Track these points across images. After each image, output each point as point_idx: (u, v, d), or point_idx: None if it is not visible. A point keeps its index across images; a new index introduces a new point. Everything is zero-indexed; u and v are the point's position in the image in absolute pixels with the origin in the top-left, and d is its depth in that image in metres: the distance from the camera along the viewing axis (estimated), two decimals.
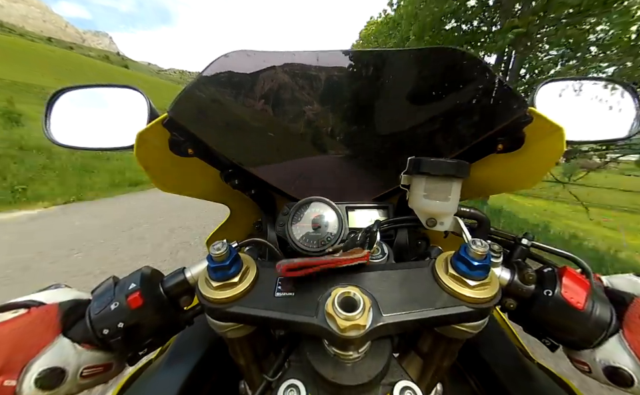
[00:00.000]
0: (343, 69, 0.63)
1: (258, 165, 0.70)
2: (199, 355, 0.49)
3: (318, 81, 0.65)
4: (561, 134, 0.45)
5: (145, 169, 0.52)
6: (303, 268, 0.34)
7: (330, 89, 0.66)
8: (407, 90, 0.63)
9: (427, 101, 0.62)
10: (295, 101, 0.66)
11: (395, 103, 0.65)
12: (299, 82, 0.64)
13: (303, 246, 0.68)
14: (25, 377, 0.32)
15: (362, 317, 0.31)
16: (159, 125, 0.50)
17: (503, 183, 0.66)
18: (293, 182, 0.77)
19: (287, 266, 0.32)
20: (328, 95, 0.67)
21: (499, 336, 0.54)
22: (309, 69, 0.61)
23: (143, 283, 0.40)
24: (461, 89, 0.56)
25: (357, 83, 0.65)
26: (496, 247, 0.44)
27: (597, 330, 0.36)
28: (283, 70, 0.61)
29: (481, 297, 0.34)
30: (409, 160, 0.48)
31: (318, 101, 0.68)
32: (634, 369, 0.33)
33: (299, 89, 0.65)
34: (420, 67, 0.57)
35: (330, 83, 0.65)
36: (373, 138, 0.73)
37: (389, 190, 0.74)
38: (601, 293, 0.39)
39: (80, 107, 0.65)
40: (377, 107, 0.66)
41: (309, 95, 0.66)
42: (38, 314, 0.36)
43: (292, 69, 0.61)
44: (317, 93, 0.66)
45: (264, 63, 0.58)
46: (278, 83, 0.63)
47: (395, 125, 0.70)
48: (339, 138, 0.74)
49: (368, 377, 0.35)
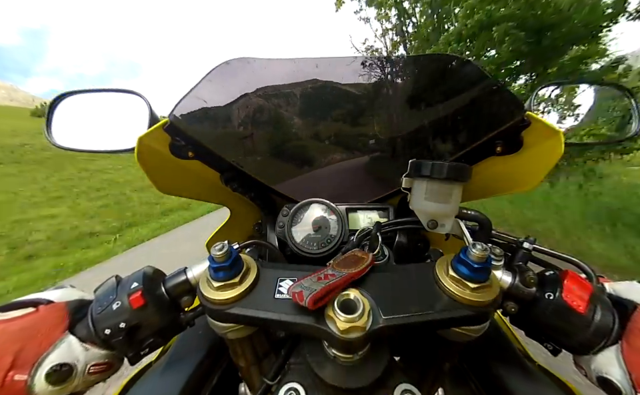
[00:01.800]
0: (342, 75, 0.64)
1: (258, 168, 0.71)
2: (200, 357, 0.49)
3: (318, 87, 0.66)
4: (559, 137, 0.45)
5: (146, 172, 0.52)
6: (327, 294, 0.33)
7: (330, 94, 0.66)
8: (408, 95, 0.63)
9: (427, 105, 0.63)
10: (295, 105, 0.67)
11: (396, 107, 0.66)
12: (299, 87, 0.65)
13: (302, 248, 0.68)
14: (36, 372, 0.33)
15: (362, 319, 0.31)
16: (159, 129, 0.50)
17: (502, 185, 0.66)
18: (292, 184, 0.77)
19: (312, 299, 0.31)
20: (328, 99, 0.67)
21: (500, 339, 0.53)
22: (309, 75, 0.62)
23: (144, 283, 0.40)
24: (460, 94, 0.57)
25: (357, 88, 0.65)
26: (497, 251, 0.43)
27: (598, 336, 0.36)
28: (283, 76, 0.62)
29: (482, 301, 0.34)
30: (410, 163, 0.49)
31: (318, 105, 0.68)
32: (624, 383, 0.33)
33: (298, 95, 0.66)
34: (420, 72, 0.58)
35: (330, 88, 0.66)
36: (373, 141, 0.74)
37: (389, 192, 0.74)
38: (603, 298, 0.38)
39: (81, 111, 0.65)
40: (378, 111, 0.67)
41: (308, 99, 0.67)
42: (47, 312, 0.36)
43: (292, 75, 0.62)
44: (317, 98, 0.67)
45: (264, 69, 0.58)
46: (278, 88, 0.64)
47: (396, 128, 0.70)
48: (339, 141, 0.75)
49: (368, 380, 0.35)
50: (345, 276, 0.36)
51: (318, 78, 0.63)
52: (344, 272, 0.37)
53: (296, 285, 0.34)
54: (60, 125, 0.62)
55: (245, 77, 0.59)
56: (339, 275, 0.36)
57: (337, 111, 0.70)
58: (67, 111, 0.63)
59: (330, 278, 0.35)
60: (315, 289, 0.32)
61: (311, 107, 0.68)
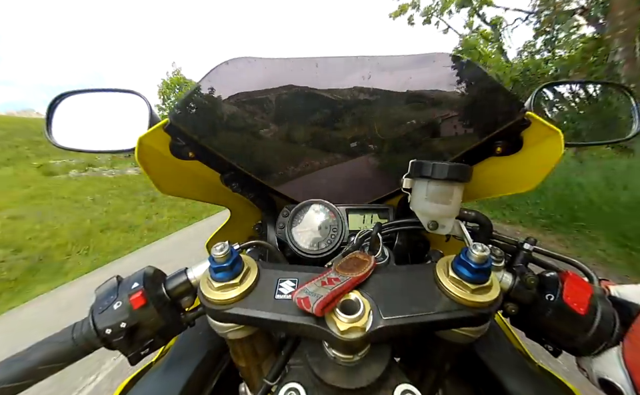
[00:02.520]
0: (342, 74, 0.63)
1: (258, 169, 0.71)
2: (200, 358, 0.49)
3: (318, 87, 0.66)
4: (559, 137, 0.45)
5: (146, 172, 0.52)
6: (333, 300, 0.33)
7: (330, 94, 0.66)
8: (409, 94, 0.63)
9: (427, 105, 0.63)
10: (295, 106, 0.67)
11: (396, 107, 0.66)
12: (299, 88, 0.65)
13: (303, 249, 0.68)
14: None
15: (362, 320, 0.31)
16: (160, 129, 0.50)
17: (503, 185, 0.66)
18: (292, 185, 0.77)
19: (320, 307, 0.31)
20: (328, 99, 0.67)
21: (500, 341, 0.53)
22: (309, 76, 0.62)
23: (145, 283, 0.40)
24: (461, 94, 0.57)
25: (357, 88, 0.65)
26: (497, 252, 0.43)
27: (598, 338, 0.36)
28: (283, 76, 0.61)
29: (482, 302, 0.34)
30: (410, 163, 0.49)
31: (318, 106, 0.68)
32: (625, 386, 0.33)
33: (298, 95, 0.66)
34: (421, 72, 0.58)
35: (330, 88, 0.65)
36: (373, 141, 0.74)
37: (389, 193, 0.74)
38: (604, 300, 0.38)
39: (81, 111, 0.65)
40: (378, 111, 0.66)
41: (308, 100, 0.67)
42: None
43: (292, 75, 0.62)
44: (317, 98, 0.67)
45: (264, 69, 0.58)
46: (278, 88, 0.64)
47: (396, 128, 0.70)
48: (340, 142, 0.75)
49: (368, 380, 0.35)
50: (349, 281, 0.36)
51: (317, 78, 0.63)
52: (348, 276, 0.37)
53: (300, 291, 0.34)
54: (60, 125, 0.62)
55: (245, 77, 0.59)
56: (343, 279, 0.36)
57: (338, 111, 0.70)
58: (66, 111, 0.63)
59: (334, 282, 0.35)
60: (320, 295, 0.32)
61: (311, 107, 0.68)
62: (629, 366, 0.33)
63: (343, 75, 0.63)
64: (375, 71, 0.60)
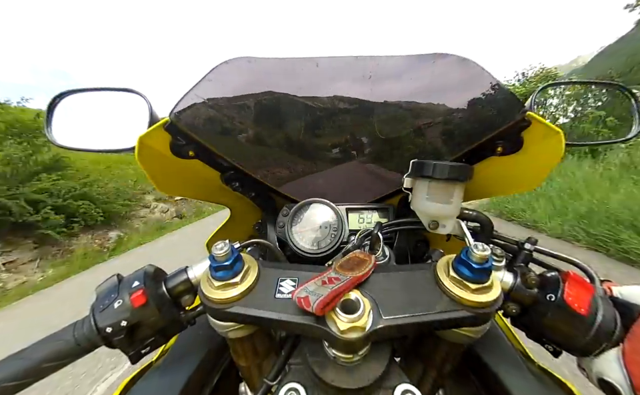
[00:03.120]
0: (343, 74, 0.63)
1: (258, 168, 0.71)
2: (200, 357, 0.49)
3: (318, 87, 0.65)
4: (560, 137, 0.45)
5: (146, 172, 0.52)
6: (333, 299, 0.33)
7: (330, 93, 0.66)
8: (409, 94, 0.63)
9: (428, 105, 0.62)
10: (295, 105, 0.67)
11: (397, 107, 0.66)
12: (299, 87, 0.64)
13: (303, 248, 0.68)
14: None
15: (362, 319, 0.31)
16: (160, 128, 0.50)
17: (503, 185, 0.66)
18: (293, 184, 0.77)
19: (320, 306, 0.31)
20: (328, 99, 0.67)
21: (501, 341, 0.53)
22: (309, 75, 0.61)
23: (146, 282, 0.40)
24: (461, 93, 0.57)
25: (358, 87, 0.65)
26: (498, 251, 0.43)
27: (599, 338, 0.36)
28: (283, 76, 0.61)
29: (482, 301, 0.33)
30: (411, 163, 0.48)
31: (318, 105, 0.68)
32: (624, 387, 0.33)
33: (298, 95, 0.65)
34: (422, 72, 0.58)
35: (330, 88, 0.65)
36: (374, 141, 0.73)
37: (389, 192, 0.74)
38: (606, 300, 0.38)
39: (81, 110, 0.65)
40: (379, 110, 0.66)
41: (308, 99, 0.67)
42: None
43: (292, 74, 0.61)
44: (317, 98, 0.67)
45: (264, 69, 0.58)
46: (278, 88, 0.64)
47: (397, 128, 0.70)
48: (340, 141, 0.74)
49: (368, 380, 0.34)
50: (349, 280, 0.36)
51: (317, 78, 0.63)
52: (348, 276, 0.37)
53: (300, 290, 0.34)
54: (60, 124, 0.62)
55: (245, 77, 0.58)
56: (343, 279, 0.36)
57: (338, 111, 0.69)
58: (66, 110, 0.63)
59: (335, 282, 0.35)
60: (321, 294, 0.32)
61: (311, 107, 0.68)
62: (629, 368, 0.33)
63: (344, 74, 0.63)
64: (376, 70, 0.60)
